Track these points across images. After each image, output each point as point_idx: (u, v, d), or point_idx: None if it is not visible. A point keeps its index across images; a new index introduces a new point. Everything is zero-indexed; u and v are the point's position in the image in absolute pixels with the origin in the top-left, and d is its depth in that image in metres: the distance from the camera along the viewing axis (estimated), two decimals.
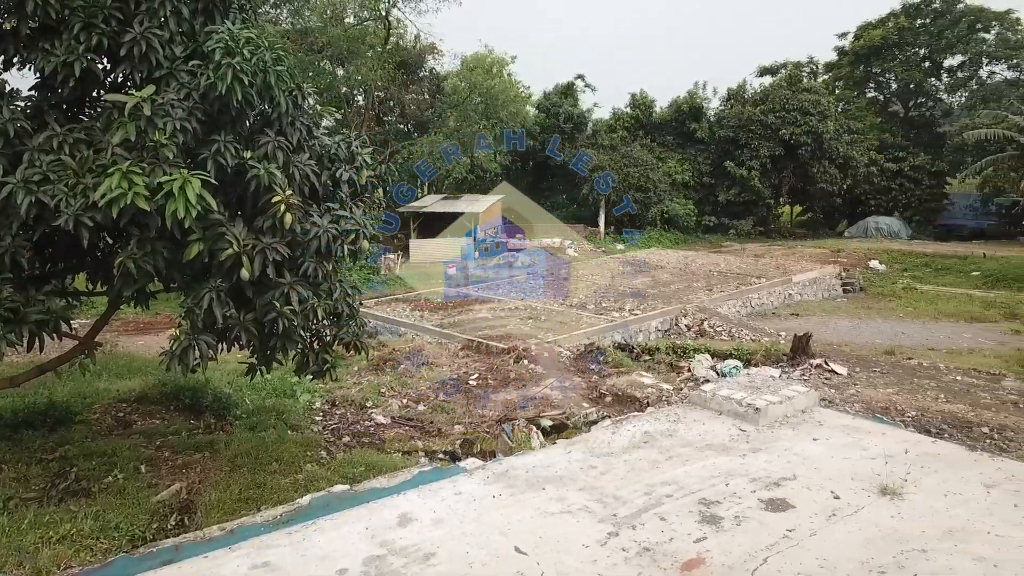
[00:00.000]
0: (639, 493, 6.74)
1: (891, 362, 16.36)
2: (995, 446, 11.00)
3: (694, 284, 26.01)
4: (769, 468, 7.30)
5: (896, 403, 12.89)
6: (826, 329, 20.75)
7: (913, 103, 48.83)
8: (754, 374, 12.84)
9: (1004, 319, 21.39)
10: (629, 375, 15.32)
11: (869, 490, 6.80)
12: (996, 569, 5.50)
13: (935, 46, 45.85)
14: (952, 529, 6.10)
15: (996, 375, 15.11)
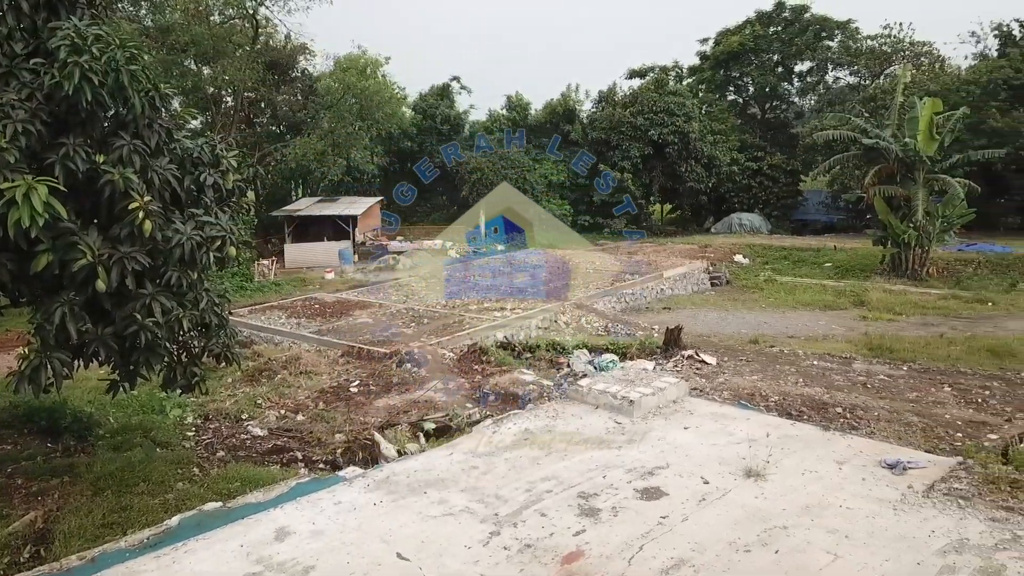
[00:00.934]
0: (520, 491, 6.85)
1: (755, 351, 17.23)
2: (847, 424, 11.76)
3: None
4: (643, 458, 7.59)
5: (761, 389, 13.58)
6: (696, 321, 21.66)
7: (769, 106, 51.95)
8: (629, 367, 13.31)
9: (853, 306, 23.06)
10: (511, 373, 15.48)
11: (736, 473, 7.19)
12: (847, 539, 5.95)
13: (786, 52, 48.96)
14: (809, 505, 6.54)
15: (847, 359, 16.19)
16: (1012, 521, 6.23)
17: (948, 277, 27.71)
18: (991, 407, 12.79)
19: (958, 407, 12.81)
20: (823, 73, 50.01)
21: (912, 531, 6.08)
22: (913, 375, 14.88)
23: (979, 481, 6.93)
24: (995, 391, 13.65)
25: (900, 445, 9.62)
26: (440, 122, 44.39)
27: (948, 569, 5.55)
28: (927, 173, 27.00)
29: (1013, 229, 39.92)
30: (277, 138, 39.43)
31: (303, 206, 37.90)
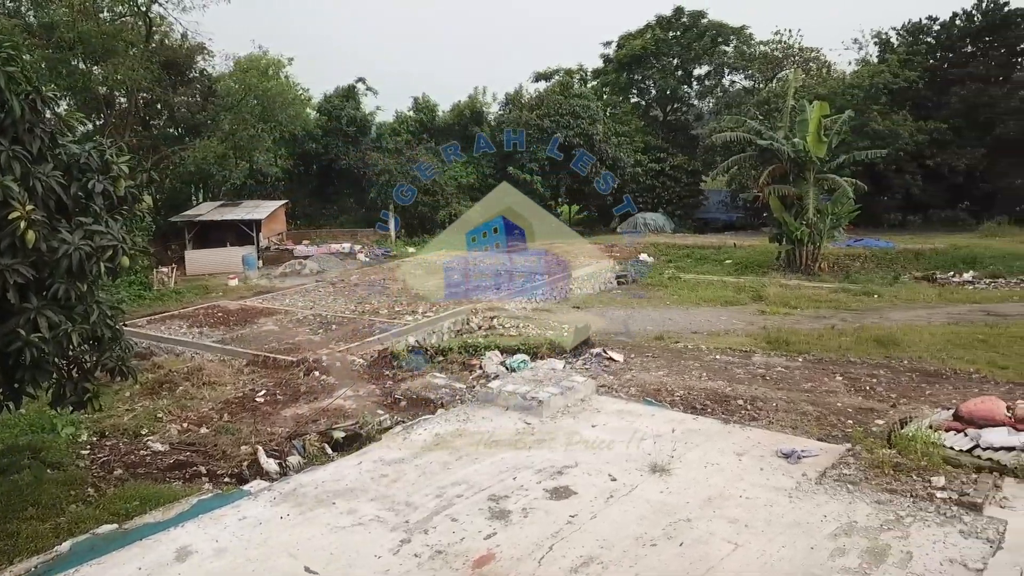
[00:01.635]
0: (431, 496, 6.84)
1: (661, 347, 17.64)
2: (748, 415, 12.16)
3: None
4: (553, 458, 7.71)
5: (667, 384, 13.92)
6: (604, 319, 22.02)
7: (670, 108, 53.51)
8: (539, 367, 13.45)
9: (752, 301, 23.93)
10: (423, 377, 15.39)
11: (642, 469, 7.39)
12: (747, 528, 6.21)
13: (686, 56, 50.55)
14: (711, 497, 6.80)
15: (747, 352, 16.77)
16: (895, 503, 6.65)
17: (838, 271, 29.16)
18: (878, 394, 13.48)
19: (848, 395, 13.46)
20: (720, 77, 51.90)
21: (806, 517, 6.41)
22: (808, 366, 15.53)
23: (866, 466, 7.36)
24: (881, 379, 14.40)
25: (796, 434, 10.08)
26: (346, 123, 43.70)
27: (839, 552, 5.87)
28: (817, 173, 28.39)
29: (895, 225, 42.47)
30: (175, 140, 37.94)
31: (204, 211, 36.57)
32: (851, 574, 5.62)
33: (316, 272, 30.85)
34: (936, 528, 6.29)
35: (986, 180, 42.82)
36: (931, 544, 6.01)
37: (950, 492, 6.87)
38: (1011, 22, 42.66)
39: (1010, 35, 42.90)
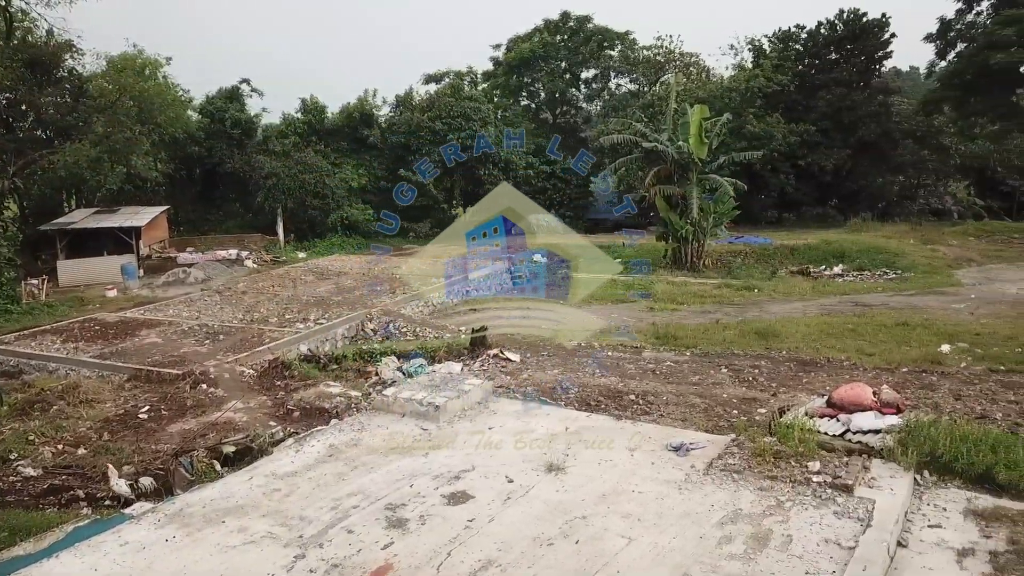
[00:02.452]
0: (326, 509, 6.71)
1: (555, 345, 17.90)
2: (640, 410, 12.48)
3: (378, 288, 26.33)
4: (450, 463, 7.70)
5: (562, 382, 14.12)
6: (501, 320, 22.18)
7: (560, 111, 54.48)
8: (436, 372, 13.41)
9: (641, 299, 24.68)
10: (317, 387, 15.03)
11: (538, 469, 7.50)
12: (639, 522, 6.41)
13: (573, 60, 51.61)
14: (605, 493, 6.97)
15: (638, 348, 17.26)
16: (776, 489, 7.02)
17: (721, 267, 30.51)
18: (760, 384, 14.13)
19: (733, 386, 14.05)
20: (607, 80, 53.27)
21: (695, 507, 6.67)
22: (695, 360, 16.12)
23: (749, 455, 7.73)
24: (762, 369, 15.10)
25: (685, 427, 10.46)
26: (230, 126, 42.18)
27: (726, 539, 6.15)
28: (699, 173, 29.59)
29: (772, 222, 44.79)
30: (44, 144, 35.54)
31: (78, 218, 34.46)
32: (737, 560, 5.89)
33: (202, 280, 29.65)
34: (813, 511, 6.68)
35: (851, 179, 45.80)
36: (809, 526, 6.38)
37: (825, 476, 7.32)
38: (869, 31, 45.76)
39: (868, 44, 46.01)
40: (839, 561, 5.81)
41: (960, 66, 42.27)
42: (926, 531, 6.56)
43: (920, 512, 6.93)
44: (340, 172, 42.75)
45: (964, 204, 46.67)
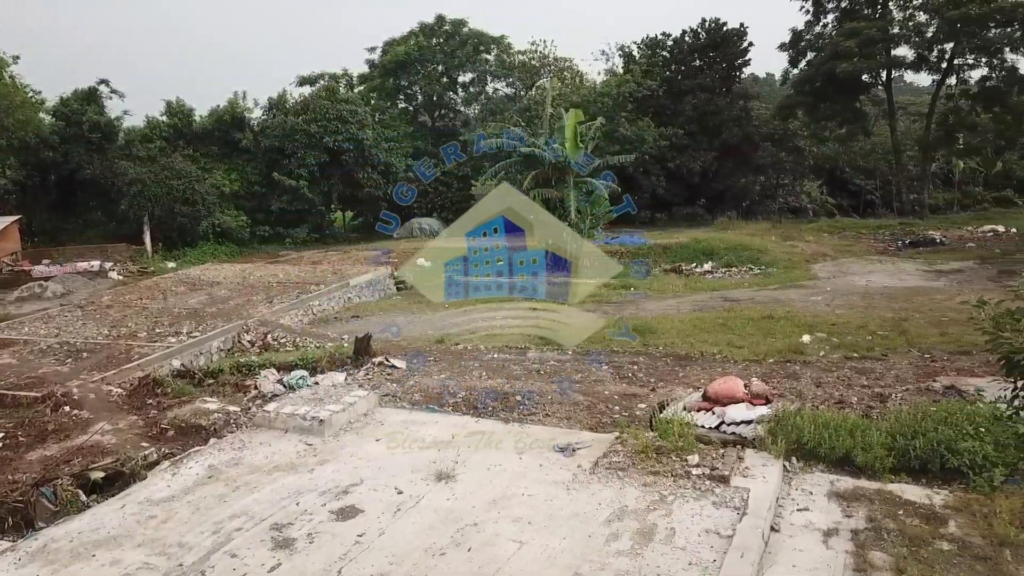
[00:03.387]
0: (207, 534, 6.42)
1: (442, 350, 17.85)
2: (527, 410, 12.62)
3: (254, 298, 25.38)
4: (337, 478, 7.54)
5: (449, 387, 14.12)
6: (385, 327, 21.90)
7: (438, 114, 54.42)
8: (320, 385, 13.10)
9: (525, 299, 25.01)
10: (193, 403, 14.33)
11: (428, 479, 7.46)
12: (530, 525, 6.49)
13: (450, 64, 51.69)
14: (496, 499, 7.02)
15: (523, 349, 17.46)
16: (659, 484, 7.29)
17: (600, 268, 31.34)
18: (639, 380, 14.60)
19: (614, 383, 14.46)
20: (484, 84, 53.68)
21: (583, 507, 6.83)
22: (577, 358, 16.47)
23: (632, 452, 7.99)
24: (641, 365, 15.61)
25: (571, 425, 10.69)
26: (88, 130, 39.50)
27: (613, 536, 6.33)
28: (576, 177, 30.32)
29: (646, 222, 46.46)
30: None
31: None
32: (625, 556, 6.08)
33: (61, 295, 27.67)
34: (694, 503, 6.98)
35: (717, 180, 48.20)
36: (690, 518, 6.67)
37: (703, 468, 7.67)
38: (729, 40, 48.30)
39: (729, 51, 48.56)
40: (719, 550, 6.10)
41: (810, 74, 45.38)
42: (796, 515, 6.99)
43: (790, 497, 7.38)
44: (211, 177, 40.95)
45: (818, 202, 50.05)
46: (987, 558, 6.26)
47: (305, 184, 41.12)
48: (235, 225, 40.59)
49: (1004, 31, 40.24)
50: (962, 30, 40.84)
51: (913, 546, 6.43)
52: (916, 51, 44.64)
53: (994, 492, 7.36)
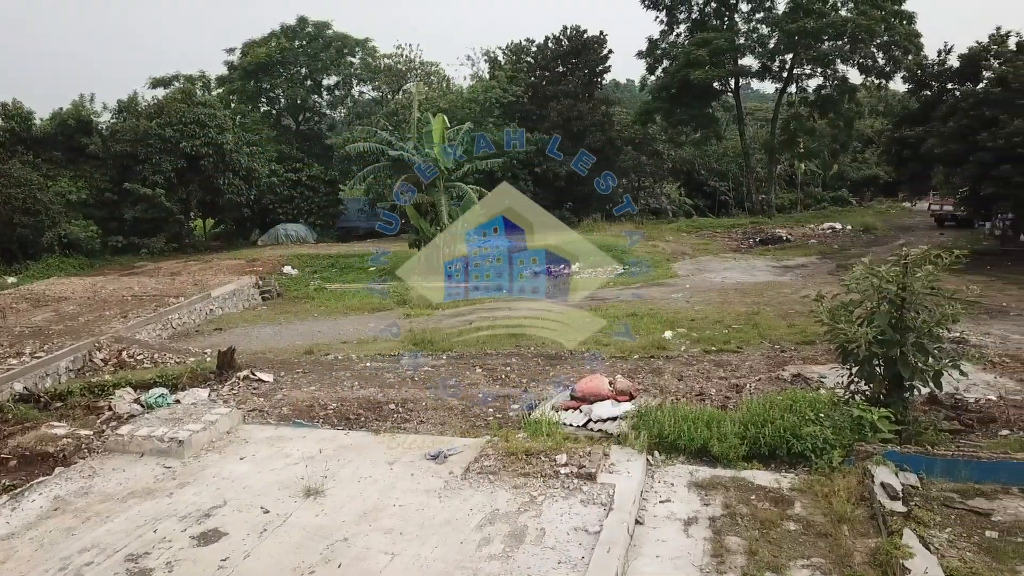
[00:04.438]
0: (53, 571, 5.99)
1: (312, 361, 17.44)
2: (401, 418, 12.55)
3: (107, 313, 23.83)
4: (199, 500, 7.22)
5: (319, 399, 13.81)
6: (250, 339, 21.14)
7: (302, 117, 53.03)
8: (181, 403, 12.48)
9: (397, 305, 24.81)
10: (38, 429, 13.28)
11: (296, 496, 7.26)
12: (402, 536, 6.46)
13: (313, 66, 50.49)
14: (366, 512, 6.93)
15: (396, 356, 17.33)
16: (529, 485, 7.43)
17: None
18: (512, 380, 14.82)
19: (488, 384, 14.61)
20: (349, 87, 52.83)
21: (455, 514, 6.86)
22: (451, 362, 16.53)
23: (503, 455, 8.10)
24: (514, 366, 15.86)
25: (444, 431, 10.71)
26: None
27: (485, 541, 6.40)
28: (446, 181, 30.38)
29: None
30: None
31: None
32: (496, 560, 6.16)
33: None
34: (563, 501, 7.17)
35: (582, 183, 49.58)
36: (560, 517, 6.84)
37: (571, 467, 7.88)
38: (590, 47, 49.83)
39: (590, 58, 50.08)
40: (587, 546, 6.30)
41: (666, 81, 47.60)
42: (658, 507, 7.32)
43: (653, 490, 7.72)
44: (55, 185, 38.07)
45: (677, 203, 52.45)
46: (828, 534, 6.78)
47: (161, 192, 38.97)
48: (84, 236, 37.90)
49: (836, 44, 43.71)
50: (799, 42, 44.06)
51: (764, 528, 6.88)
52: (760, 61, 47.81)
53: (833, 472, 7.99)
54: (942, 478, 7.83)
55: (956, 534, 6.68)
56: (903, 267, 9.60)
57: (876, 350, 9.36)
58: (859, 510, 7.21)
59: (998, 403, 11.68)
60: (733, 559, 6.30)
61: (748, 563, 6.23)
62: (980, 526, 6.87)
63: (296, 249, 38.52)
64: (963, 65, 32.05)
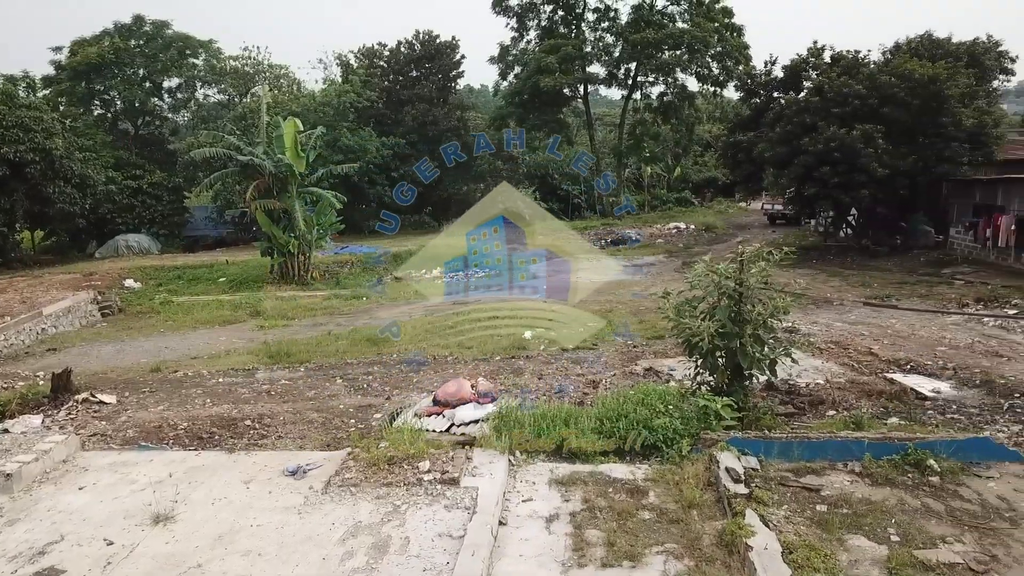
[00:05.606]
0: None
1: (159, 379, 16.51)
2: (258, 435, 12.10)
3: None
4: (32, 538, 6.67)
5: (169, 419, 13.10)
6: (89, 359, 19.71)
7: (142, 121, 49.85)
8: (7, 434, 11.45)
9: (250, 317, 23.82)
10: None
11: (143, 524, 6.85)
12: (260, 557, 6.25)
13: (152, 67, 47.52)
14: (221, 535, 6.64)
15: (251, 370, 16.68)
16: (392, 495, 7.38)
17: (330, 279, 30.81)
18: (374, 390, 14.64)
19: (349, 395, 14.36)
20: (193, 90, 50.20)
21: (316, 529, 6.71)
22: (310, 374, 16.11)
23: (365, 466, 8.00)
24: (376, 375, 15.67)
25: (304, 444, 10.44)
26: None
27: (348, 555, 6.30)
28: (299, 187, 29.51)
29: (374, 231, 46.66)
30: None
31: None
32: (360, 573, 6.08)
33: None
34: (427, 508, 7.17)
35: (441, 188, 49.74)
36: (424, 524, 6.84)
37: (435, 473, 7.90)
38: (443, 52, 50.08)
39: (444, 63, 50.35)
40: (452, 551, 6.34)
41: (518, 87, 48.64)
42: (521, 506, 7.47)
43: (516, 490, 7.87)
44: None
45: None
46: (680, 520, 7.18)
47: None
48: None
49: (675, 54, 46.24)
50: (642, 52, 46.31)
51: (621, 519, 7.19)
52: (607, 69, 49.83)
53: (683, 461, 8.46)
54: (779, 459, 8.47)
55: (791, 510, 7.25)
56: (739, 264, 10.32)
57: (718, 343, 10.01)
58: (707, 495, 7.67)
59: (825, 386, 12.77)
60: (593, 551, 6.53)
61: (607, 554, 6.49)
62: (811, 501, 7.49)
63: (139, 261, 36.18)
64: (786, 76, 34.77)
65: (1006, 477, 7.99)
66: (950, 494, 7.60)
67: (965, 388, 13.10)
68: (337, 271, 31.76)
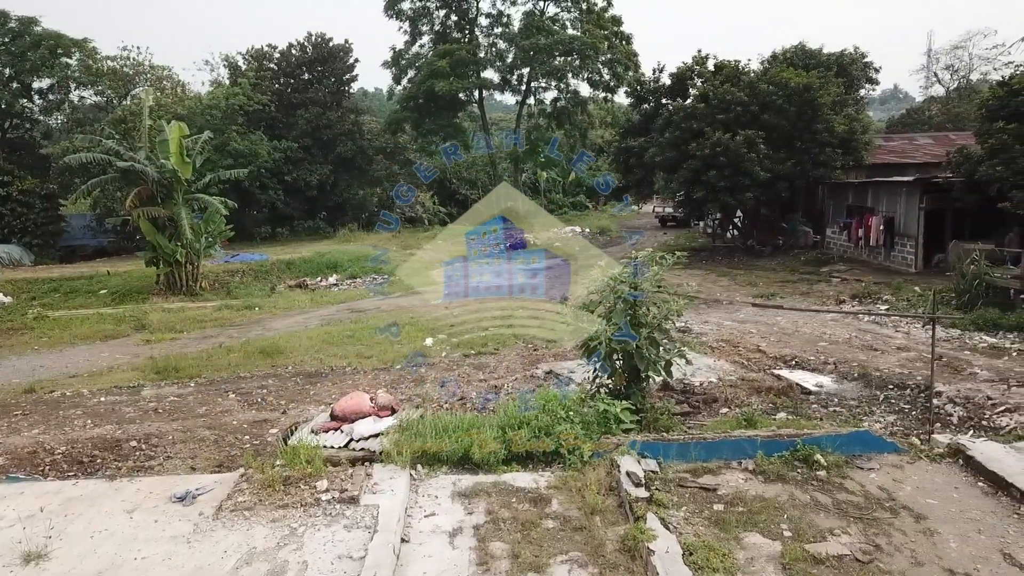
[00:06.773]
0: None
1: (33, 400, 15.47)
2: (144, 455, 11.52)
3: None
4: None
5: (44, 443, 12.28)
6: None
7: (10, 124, 46.49)
8: None
9: (135, 331, 22.57)
10: None
11: (11, 564, 6.34)
12: None
13: (20, 67, 44.36)
14: (102, 570, 6.21)
15: (136, 387, 15.82)
16: (288, 517, 7.11)
17: (220, 288, 29.61)
18: (269, 404, 14.16)
19: (243, 411, 13.82)
20: (67, 92, 47.13)
21: (207, 559, 6.37)
22: (201, 390, 15.43)
23: (259, 487, 7.67)
24: (271, 388, 15.16)
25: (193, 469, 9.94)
26: None
27: None
28: (186, 193, 28.21)
29: (266, 238, 45.29)
30: None
31: None
32: None
33: None
34: (325, 530, 6.94)
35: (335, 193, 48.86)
36: (323, 547, 6.61)
37: (333, 492, 7.65)
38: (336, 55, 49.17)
39: (338, 66, 49.44)
40: (352, 574, 6.14)
41: (413, 91, 48.38)
42: (424, 521, 7.34)
43: (418, 505, 7.72)
44: None
45: (432, 212, 53.35)
46: (583, 527, 7.23)
47: None
48: None
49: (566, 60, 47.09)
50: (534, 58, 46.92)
51: (525, 530, 7.17)
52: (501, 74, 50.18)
53: (585, 467, 8.54)
54: (677, 460, 8.67)
55: (690, 511, 7.43)
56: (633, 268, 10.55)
57: (615, 346, 10.19)
58: (609, 500, 7.76)
59: (718, 384, 13.24)
60: (497, 564, 6.48)
61: (512, 566, 6.45)
62: (709, 501, 7.70)
63: (9, 274, 33.72)
64: (673, 83, 35.96)
65: (885, 468, 8.46)
66: (836, 487, 7.99)
67: (845, 381, 13.87)
68: (228, 280, 30.58)
